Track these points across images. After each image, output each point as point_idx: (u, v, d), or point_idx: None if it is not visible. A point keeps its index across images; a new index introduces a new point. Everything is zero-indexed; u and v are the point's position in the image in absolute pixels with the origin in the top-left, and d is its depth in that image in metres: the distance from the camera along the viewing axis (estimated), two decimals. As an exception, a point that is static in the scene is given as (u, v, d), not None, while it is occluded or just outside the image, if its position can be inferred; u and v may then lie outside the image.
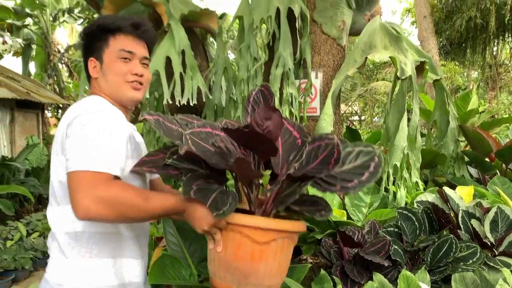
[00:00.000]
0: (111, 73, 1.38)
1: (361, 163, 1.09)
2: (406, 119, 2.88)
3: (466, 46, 16.45)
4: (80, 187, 1.15)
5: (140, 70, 1.40)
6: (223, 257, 1.14)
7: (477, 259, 2.18)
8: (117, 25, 1.37)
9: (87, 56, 1.43)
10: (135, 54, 1.39)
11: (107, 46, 1.38)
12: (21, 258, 4.61)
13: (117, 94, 1.40)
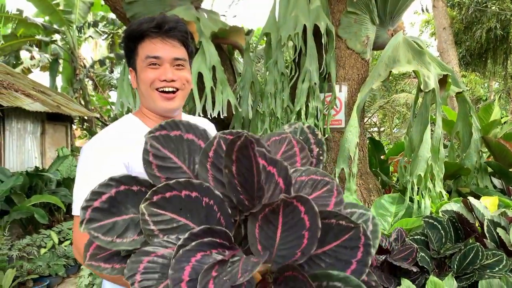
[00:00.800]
0: (142, 82, 1.32)
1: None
2: (430, 131, 2.96)
3: (487, 57, 16.33)
4: (73, 234, 1.22)
5: (170, 75, 1.29)
6: None
7: (503, 266, 2.24)
8: (141, 31, 1.29)
9: (128, 65, 1.39)
10: (163, 58, 1.29)
11: (137, 55, 1.32)
12: (54, 265, 4.79)
13: (150, 105, 1.34)
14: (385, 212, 3.02)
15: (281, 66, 3.28)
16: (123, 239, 0.80)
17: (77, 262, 5.15)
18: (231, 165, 0.83)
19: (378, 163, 4.38)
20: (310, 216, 0.74)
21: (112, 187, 0.82)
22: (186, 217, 0.82)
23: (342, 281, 0.73)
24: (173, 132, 0.91)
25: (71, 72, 13.47)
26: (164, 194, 0.80)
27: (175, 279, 0.69)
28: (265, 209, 0.78)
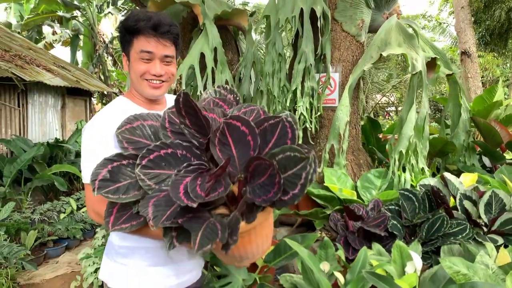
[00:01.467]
0: (133, 71, 1.50)
1: (295, 171, 1.04)
2: (415, 110, 3.16)
3: (508, 37, 16.00)
4: (86, 200, 1.44)
5: (159, 70, 1.48)
6: (219, 249, 1.24)
7: (466, 235, 2.48)
8: (138, 27, 1.44)
9: (123, 51, 1.55)
10: (155, 54, 1.46)
11: (131, 45, 1.48)
12: (72, 228, 5.16)
13: (138, 90, 1.54)
14: (371, 185, 3.26)
15: (279, 47, 3.49)
16: (127, 195, 1.11)
17: (93, 226, 5.55)
18: (185, 120, 1.18)
19: (375, 141, 4.59)
20: (246, 126, 1.10)
21: (108, 164, 1.14)
22: (169, 169, 1.12)
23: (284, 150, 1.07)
24: (135, 123, 1.25)
25: (91, 47, 13.83)
26: (148, 156, 1.11)
27: (174, 191, 1.00)
28: (216, 133, 1.11)
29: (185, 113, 1.17)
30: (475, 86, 11.49)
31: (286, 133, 1.13)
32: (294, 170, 1.04)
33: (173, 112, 1.22)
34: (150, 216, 1.00)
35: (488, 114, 5.04)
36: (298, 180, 1.02)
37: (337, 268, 2.34)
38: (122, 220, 1.17)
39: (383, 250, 2.43)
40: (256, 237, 1.22)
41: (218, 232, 0.98)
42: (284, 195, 1.04)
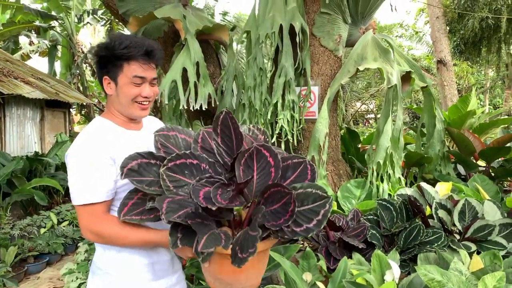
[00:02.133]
0: (123, 94, 1.53)
1: (313, 207, 1.13)
2: (391, 122, 3.28)
3: (481, 45, 16.49)
4: (79, 219, 1.46)
5: (149, 92, 1.55)
6: (210, 270, 1.27)
7: (441, 242, 2.58)
8: (131, 55, 1.49)
9: (101, 73, 1.56)
10: (146, 78, 1.54)
11: (121, 71, 1.51)
12: (53, 243, 5.11)
13: (127, 111, 1.57)
14: (350, 195, 3.36)
15: (260, 61, 3.58)
16: (150, 187, 1.23)
17: (75, 241, 5.50)
18: (217, 137, 1.33)
19: (355, 151, 4.71)
20: (273, 157, 1.22)
21: (138, 158, 1.28)
22: (189, 178, 1.24)
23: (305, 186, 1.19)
24: (171, 132, 1.42)
25: (70, 58, 13.69)
26: (175, 161, 1.23)
27: (195, 193, 1.12)
28: (245, 154, 1.22)
29: (220, 131, 1.31)
30: (451, 94, 11.81)
31: (306, 174, 1.27)
32: (312, 206, 1.14)
33: (208, 131, 1.37)
34: (164, 210, 1.10)
35: (462, 123, 5.23)
36: (315, 216, 1.13)
37: (319, 278, 2.41)
38: (134, 213, 1.29)
39: (363, 259, 2.51)
40: (250, 267, 1.21)
41: (222, 240, 1.07)
42: (296, 226, 1.13)
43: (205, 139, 1.36)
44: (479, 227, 2.70)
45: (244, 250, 1.06)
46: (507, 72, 19.53)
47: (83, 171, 1.43)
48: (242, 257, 1.07)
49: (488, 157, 3.90)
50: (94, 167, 1.42)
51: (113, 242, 1.46)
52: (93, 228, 1.43)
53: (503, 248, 2.58)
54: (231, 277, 1.25)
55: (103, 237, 1.44)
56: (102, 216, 1.45)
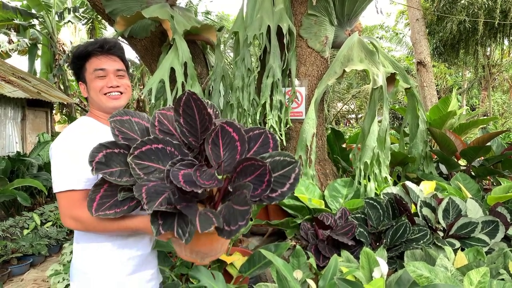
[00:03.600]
0: (92, 90, 1.63)
1: (283, 173, 1.20)
2: (377, 122, 3.35)
3: (459, 48, 16.87)
4: (60, 207, 1.50)
5: (114, 82, 1.64)
6: (187, 246, 1.31)
7: (427, 240, 2.66)
8: (88, 51, 1.62)
9: (77, 80, 1.71)
10: (107, 69, 1.63)
11: (85, 69, 1.64)
12: (37, 244, 5.04)
13: (101, 106, 1.65)
14: (338, 194, 3.42)
15: (248, 62, 3.61)
16: (121, 179, 1.23)
17: (59, 242, 5.43)
18: (180, 118, 1.31)
19: (339, 151, 4.78)
20: (237, 132, 1.28)
21: (102, 149, 1.26)
22: (157, 163, 1.24)
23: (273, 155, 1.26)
24: (125, 117, 1.38)
25: (50, 57, 13.49)
26: (141, 148, 1.23)
27: (175, 179, 1.13)
28: (212, 134, 1.27)
29: (182, 112, 1.31)
30: (430, 95, 12.04)
31: (268, 143, 1.34)
32: (282, 172, 1.21)
33: (162, 113, 1.37)
34: (145, 200, 1.10)
35: (443, 123, 5.36)
36: (287, 180, 1.19)
37: (309, 276, 2.46)
38: (106, 207, 1.28)
39: (352, 257, 2.57)
40: None
41: (212, 219, 1.10)
42: (272, 192, 1.19)
43: (162, 122, 1.36)
44: (462, 224, 2.78)
45: (232, 223, 1.11)
46: (483, 73, 20.04)
47: (64, 160, 1.49)
48: (230, 230, 1.11)
49: (469, 156, 4.01)
50: (75, 157, 1.48)
51: (92, 227, 1.45)
52: (73, 213, 1.45)
53: (485, 245, 2.68)
54: (208, 247, 1.31)
55: (83, 221, 1.44)
56: (82, 202, 1.45)
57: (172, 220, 1.17)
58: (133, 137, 1.32)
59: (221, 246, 1.36)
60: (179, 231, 1.14)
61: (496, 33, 15.67)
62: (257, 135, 1.35)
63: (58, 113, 14.14)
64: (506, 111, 22.69)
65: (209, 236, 1.26)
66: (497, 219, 2.80)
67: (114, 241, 1.58)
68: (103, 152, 1.26)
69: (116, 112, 1.37)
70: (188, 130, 1.32)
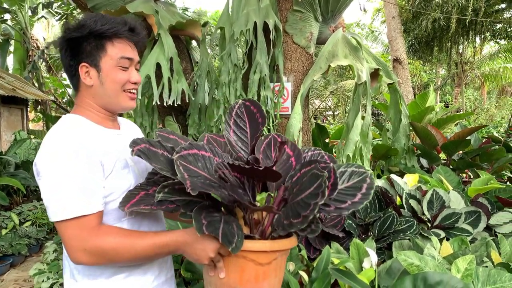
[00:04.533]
0: (110, 81, 1.29)
1: (353, 184, 1.13)
2: (360, 117, 3.42)
3: (433, 45, 17.29)
4: (67, 239, 1.15)
5: (137, 77, 1.35)
6: (226, 282, 1.12)
7: (413, 230, 2.73)
8: (115, 31, 1.27)
9: (76, 59, 1.29)
10: (134, 60, 1.34)
11: (104, 52, 1.27)
12: (17, 244, 4.95)
13: (113, 103, 1.33)
14: (324, 188, 3.47)
15: (234, 58, 3.61)
16: (163, 171, 1.14)
17: (39, 241, 5.33)
18: (229, 130, 1.29)
19: (323, 146, 4.85)
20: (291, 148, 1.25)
21: (146, 143, 1.20)
22: (202, 170, 1.15)
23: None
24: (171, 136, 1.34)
25: (23, 53, 13.15)
26: (188, 150, 1.15)
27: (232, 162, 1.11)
28: (263, 142, 1.24)
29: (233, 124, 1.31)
30: (406, 91, 12.31)
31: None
32: (351, 184, 1.16)
33: (212, 137, 1.37)
34: (189, 186, 1.03)
35: (421, 119, 5.50)
36: (358, 190, 1.13)
37: (301, 268, 2.50)
38: (143, 204, 1.15)
39: (341, 248, 2.62)
40: (273, 273, 1.14)
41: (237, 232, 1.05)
42: (340, 203, 1.12)
43: (211, 142, 1.31)
44: (446, 215, 2.87)
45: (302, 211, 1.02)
46: (456, 70, 20.58)
47: (68, 178, 1.15)
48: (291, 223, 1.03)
49: (450, 150, 4.13)
50: (83, 171, 1.17)
51: (119, 257, 1.17)
52: (90, 245, 1.14)
53: (469, 234, 2.77)
54: (252, 286, 1.12)
55: (105, 252, 1.15)
56: (98, 228, 1.17)
57: (217, 226, 1.04)
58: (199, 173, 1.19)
59: (267, 285, 1.15)
60: (224, 237, 1.01)
61: (468, 31, 16.14)
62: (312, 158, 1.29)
63: (32, 111, 13.79)
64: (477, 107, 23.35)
65: (256, 269, 1.09)
66: (479, 210, 2.90)
67: (127, 272, 1.30)
68: (146, 145, 1.19)
69: (164, 129, 1.31)
70: (237, 145, 1.29)
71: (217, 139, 1.33)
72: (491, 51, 20.09)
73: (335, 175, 1.05)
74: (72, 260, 1.16)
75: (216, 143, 1.31)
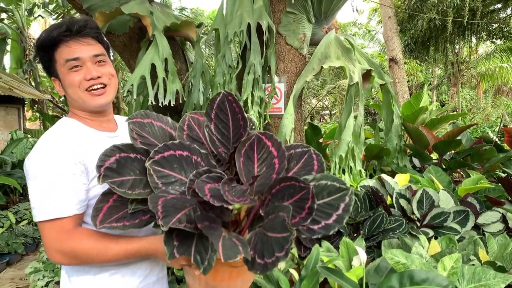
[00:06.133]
0: (69, 87, 1.32)
1: (331, 201, 1.01)
2: (352, 118, 3.47)
3: (429, 45, 17.35)
4: (44, 239, 1.21)
5: (94, 72, 1.31)
6: (202, 278, 1.13)
7: (402, 229, 2.78)
8: (53, 38, 1.28)
9: (49, 76, 1.38)
10: (82, 58, 1.30)
11: (55, 62, 1.31)
12: (13, 243, 4.99)
13: (83, 105, 1.35)
14: (316, 187, 3.52)
15: (229, 59, 3.66)
16: (133, 191, 1.04)
17: (35, 240, 5.37)
18: (210, 123, 1.15)
19: (317, 146, 4.90)
20: (276, 147, 1.09)
21: (116, 153, 1.06)
22: (179, 173, 1.06)
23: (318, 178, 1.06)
24: (146, 120, 1.18)
25: (20, 52, 13.17)
26: (163, 153, 1.05)
27: (201, 191, 0.96)
28: (245, 144, 1.08)
29: (214, 116, 1.14)
30: (402, 91, 12.36)
31: (312, 164, 1.15)
32: (328, 200, 1.02)
33: (194, 117, 1.20)
34: (160, 214, 0.93)
35: (415, 119, 5.54)
36: (334, 210, 1.00)
37: (292, 266, 2.55)
38: (113, 219, 1.06)
39: (332, 247, 2.67)
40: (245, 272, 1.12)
41: (239, 248, 0.92)
42: (313, 224, 1.02)
43: (192, 127, 1.16)
44: (435, 214, 2.93)
45: (266, 255, 0.92)
46: (452, 70, 20.67)
47: (48, 180, 1.19)
48: (265, 263, 0.92)
49: (441, 150, 4.19)
50: (62, 175, 1.20)
51: (91, 260, 1.21)
52: (64, 247, 1.19)
53: (457, 233, 2.82)
54: (226, 283, 1.13)
55: (77, 255, 1.19)
56: (72, 230, 1.20)
57: (190, 243, 0.98)
58: (154, 143, 1.13)
59: (241, 283, 1.16)
60: (197, 257, 0.95)
61: (464, 30, 16.20)
62: (299, 154, 1.16)
63: (29, 110, 13.81)
64: (474, 107, 23.45)
65: (230, 270, 1.09)
66: (467, 209, 2.95)
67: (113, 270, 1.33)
68: (116, 156, 1.06)
69: (136, 114, 1.17)
70: (218, 139, 1.15)
71: (199, 119, 1.21)
72: (487, 51, 20.18)
73: (313, 198, 0.96)
74: (50, 259, 1.21)
75: (198, 125, 1.19)
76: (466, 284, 2.07)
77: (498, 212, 3.06)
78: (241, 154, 1.09)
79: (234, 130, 1.14)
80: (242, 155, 1.09)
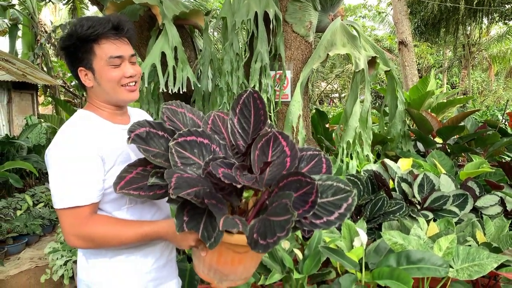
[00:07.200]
0: (105, 81, 1.39)
1: (334, 200, 1.08)
2: (359, 104, 3.57)
3: (440, 27, 17.13)
4: (63, 224, 1.31)
5: (132, 71, 1.41)
6: (207, 260, 1.21)
7: (403, 212, 2.90)
8: (98, 33, 1.35)
9: (74, 65, 1.41)
10: (124, 56, 1.40)
11: (94, 55, 1.37)
12: (31, 224, 5.19)
13: (114, 99, 1.43)
14: (321, 172, 3.64)
15: (236, 47, 3.76)
16: (155, 159, 1.16)
17: (52, 222, 5.58)
18: (234, 117, 1.27)
19: (323, 131, 5.00)
20: (290, 147, 1.17)
21: (147, 126, 1.21)
22: (198, 157, 1.17)
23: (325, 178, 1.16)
24: (180, 109, 1.34)
25: (32, 37, 13.29)
26: (186, 137, 1.16)
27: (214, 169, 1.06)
28: (262, 138, 1.17)
29: (239, 111, 1.25)
30: (411, 74, 12.31)
31: (320, 166, 1.24)
32: (332, 199, 1.10)
33: (219, 115, 1.34)
34: (172, 185, 1.02)
35: (422, 103, 5.60)
36: (337, 208, 1.08)
37: (296, 246, 2.69)
38: (132, 187, 1.20)
39: (335, 228, 2.81)
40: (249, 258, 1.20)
41: (239, 225, 1.02)
42: (316, 218, 1.08)
43: (216, 123, 1.30)
44: (435, 197, 3.04)
45: (269, 235, 1.00)
46: (463, 52, 20.43)
47: (68, 170, 1.29)
48: (267, 243, 1.00)
49: (444, 134, 4.27)
50: (81, 165, 1.29)
51: (106, 243, 1.32)
52: (81, 231, 1.30)
53: (456, 216, 2.94)
54: (229, 268, 1.20)
55: (93, 239, 1.31)
56: (89, 217, 1.31)
57: (199, 220, 1.07)
58: (181, 128, 1.23)
59: (243, 270, 1.24)
60: (204, 233, 1.05)
61: (475, 12, 15.95)
62: (310, 156, 1.25)
63: (42, 95, 14.00)
64: (485, 89, 23.21)
65: (233, 255, 1.16)
66: (466, 193, 3.06)
67: (128, 253, 1.44)
68: (147, 128, 1.19)
69: (173, 102, 1.31)
70: (239, 132, 1.25)
71: (224, 118, 1.33)
72: (499, 33, 19.89)
73: (317, 193, 1.03)
74: (67, 243, 1.32)
75: (222, 122, 1.32)
76: (461, 264, 2.19)
77: (496, 195, 3.16)
78: (257, 147, 1.17)
79: (255, 125, 1.25)
80: (258, 149, 1.17)
